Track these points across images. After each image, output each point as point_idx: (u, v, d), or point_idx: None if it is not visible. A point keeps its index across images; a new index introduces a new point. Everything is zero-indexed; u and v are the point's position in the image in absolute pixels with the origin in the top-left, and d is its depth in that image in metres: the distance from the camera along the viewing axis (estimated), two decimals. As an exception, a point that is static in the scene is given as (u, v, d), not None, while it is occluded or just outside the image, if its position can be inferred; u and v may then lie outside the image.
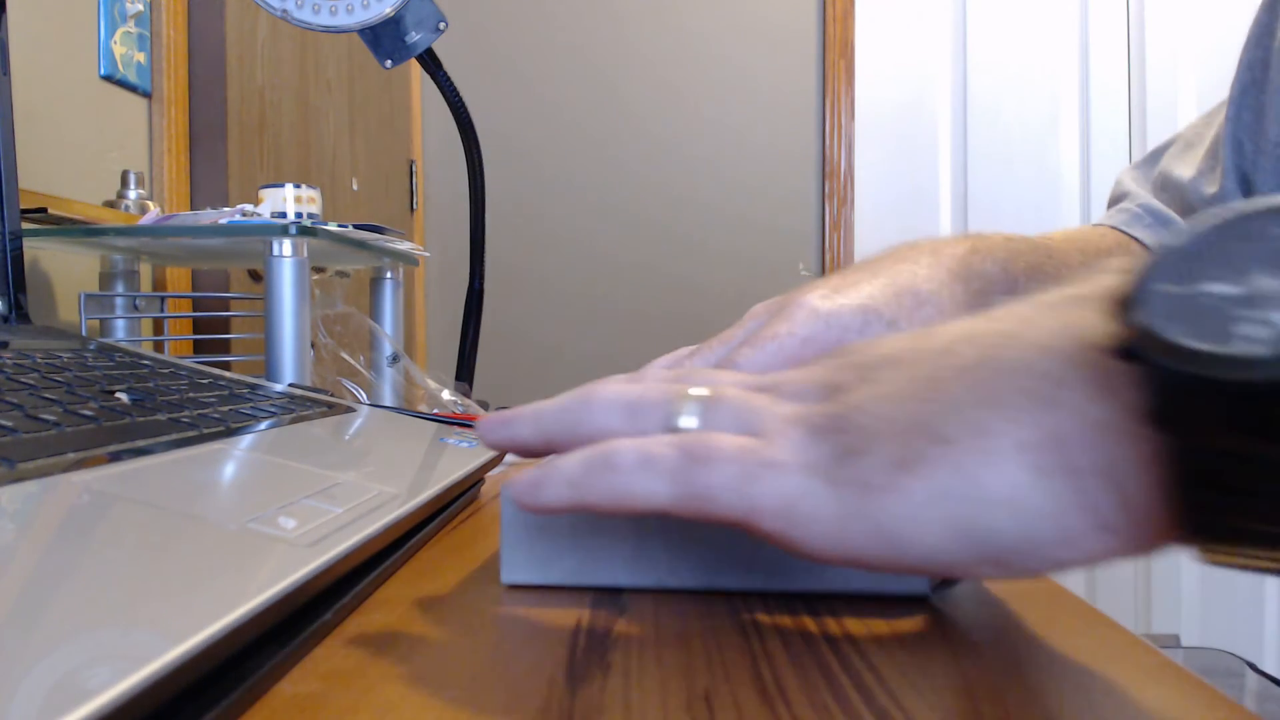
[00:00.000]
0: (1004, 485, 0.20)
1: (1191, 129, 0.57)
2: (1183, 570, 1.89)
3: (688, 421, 0.25)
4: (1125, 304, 0.18)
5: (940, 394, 0.21)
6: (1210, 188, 0.52)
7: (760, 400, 0.25)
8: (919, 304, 0.37)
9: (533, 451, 0.28)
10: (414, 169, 2.04)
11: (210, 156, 1.19)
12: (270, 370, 0.70)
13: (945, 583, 0.28)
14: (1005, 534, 0.20)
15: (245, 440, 0.36)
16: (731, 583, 0.29)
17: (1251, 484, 0.17)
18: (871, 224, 2.03)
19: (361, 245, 0.80)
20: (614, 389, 0.26)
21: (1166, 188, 0.55)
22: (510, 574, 0.30)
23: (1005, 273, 0.41)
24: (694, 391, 0.25)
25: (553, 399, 0.27)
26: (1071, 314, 0.21)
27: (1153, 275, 0.18)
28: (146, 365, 0.48)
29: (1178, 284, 0.18)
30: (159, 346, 0.88)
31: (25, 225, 0.68)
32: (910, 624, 0.26)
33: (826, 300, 0.37)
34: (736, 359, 0.37)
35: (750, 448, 0.23)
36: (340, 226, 0.78)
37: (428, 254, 1.25)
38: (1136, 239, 0.53)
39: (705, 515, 0.23)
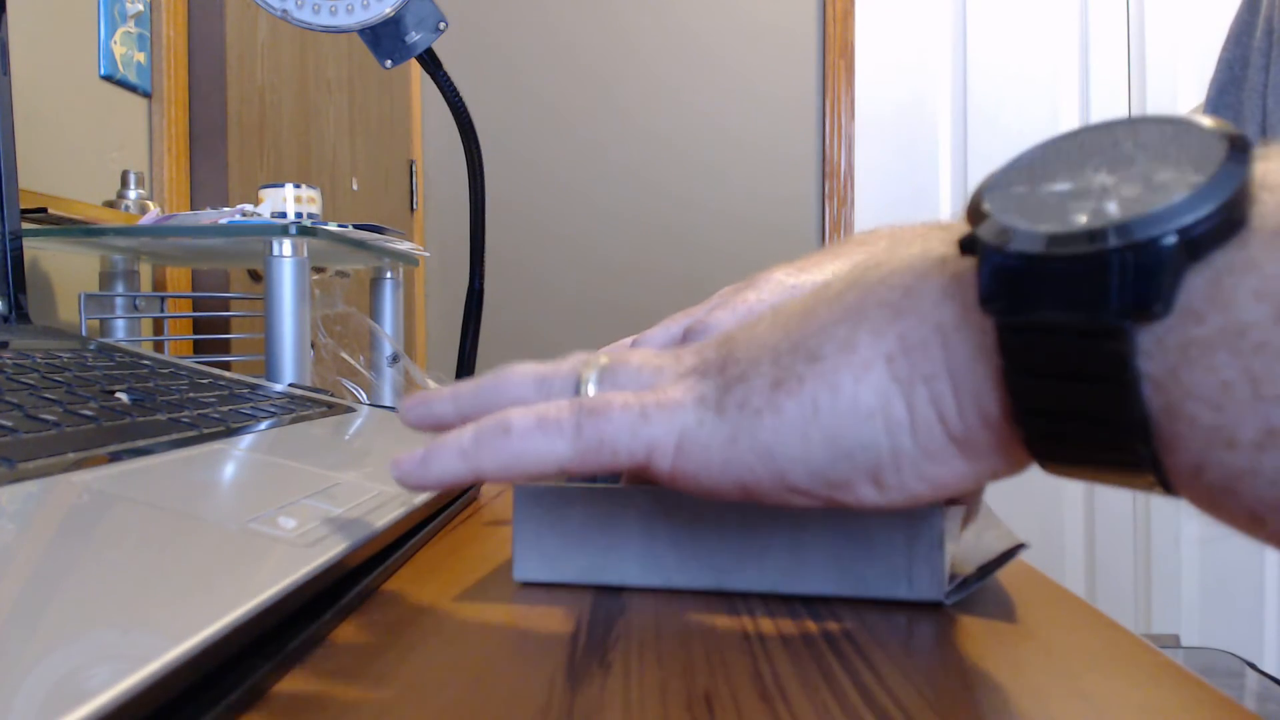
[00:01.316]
0: (868, 397, 0.20)
1: None
2: (1183, 570, 1.89)
3: (590, 388, 0.26)
4: (973, 206, 0.19)
5: (814, 320, 0.22)
6: None
7: (662, 360, 0.26)
8: None
9: (450, 428, 0.28)
10: (414, 169, 2.04)
11: (210, 156, 1.19)
12: (270, 370, 0.70)
13: (959, 588, 0.28)
14: (874, 447, 0.21)
15: (245, 440, 0.36)
16: (740, 583, 0.29)
17: (1075, 372, 0.17)
18: (871, 224, 2.02)
19: (361, 245, 0.80)
20: (528, 366, 0.28)
21: None
22: (522, 572, 0.30)
23: None
24: (598, 359, 0.27)
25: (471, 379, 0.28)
26: (933, 238, 0.22)
27: (1000, 179, 0.19)
28: (146, 365, 0.48)
29: (1021, 186, 0.19)
30: (159, 346, 0.88)
31: (25, 225, 0.68)
32: (910, 625, 0.26)
33: (791, 275, 0.38)
34: (709, 320, 0.37)
35: (644, 396, 0.24)
36: (340, 226, 0.78)
37: (428, 254, 1.24)
38: None
39: (607, 465, 0.23)
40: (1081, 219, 0.17)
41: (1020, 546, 0.28)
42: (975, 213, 0.19)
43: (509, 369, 0.28)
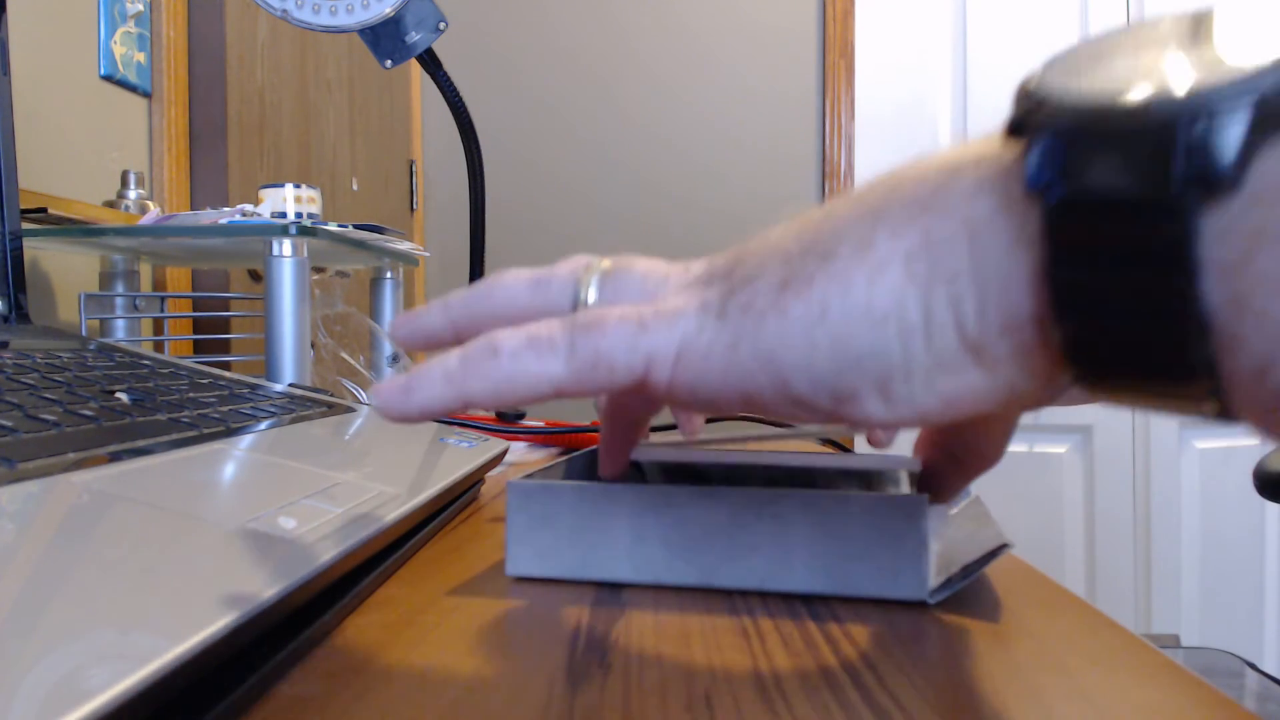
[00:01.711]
0: (882, 299, 0.19)
1: None
2: (1183, 570, 1.89)
3: (590, 292, 0.24)
4: (1021, 92, 0.18)
5: (830, 220, 0.21)
6: None
7: (670, 269, 0.24)
8: None
9: (442, 341, 0.27)
10: (414, 169, 2.04)
11: (210, 156, 1.19)
12: (270, 370, 0.70)
13: (943, 587, 0.28)
14: (885, 354, 0.19)
15: (245, 440, 0.36)
16: (727, 580, 0.29)
17: (1123, 273, 0.16)
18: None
19: (361, 245, 0.80)
20: (523, 270, 0.26)
21: None
22: (514, 567, 0.31)
23: None
24: (600, 263, 0.25)
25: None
26: (963, 148, 0.20)
27: (1050, 64, 0.18)
28: (146, 365, 0.48)
29: (1075, 65, 0.18)
30: (159, 346, 0.88)
31: (25, 225, 0.68)
32: (910, 624, 0.26)
33: None
34: None
35: (642, 307, 0.22)
36: (340, 226, 0.78)
37: (428, 254, 1.24)
38: None
39: (604, 383, 0.22)
40: (1146, 87, 0.16)
41: (1004, 546, 0.28)
42: (1023, 96, 0.18)
43: (502, 274, 0.26)
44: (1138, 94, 0.16)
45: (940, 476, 0.29)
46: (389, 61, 0.74)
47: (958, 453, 0.28)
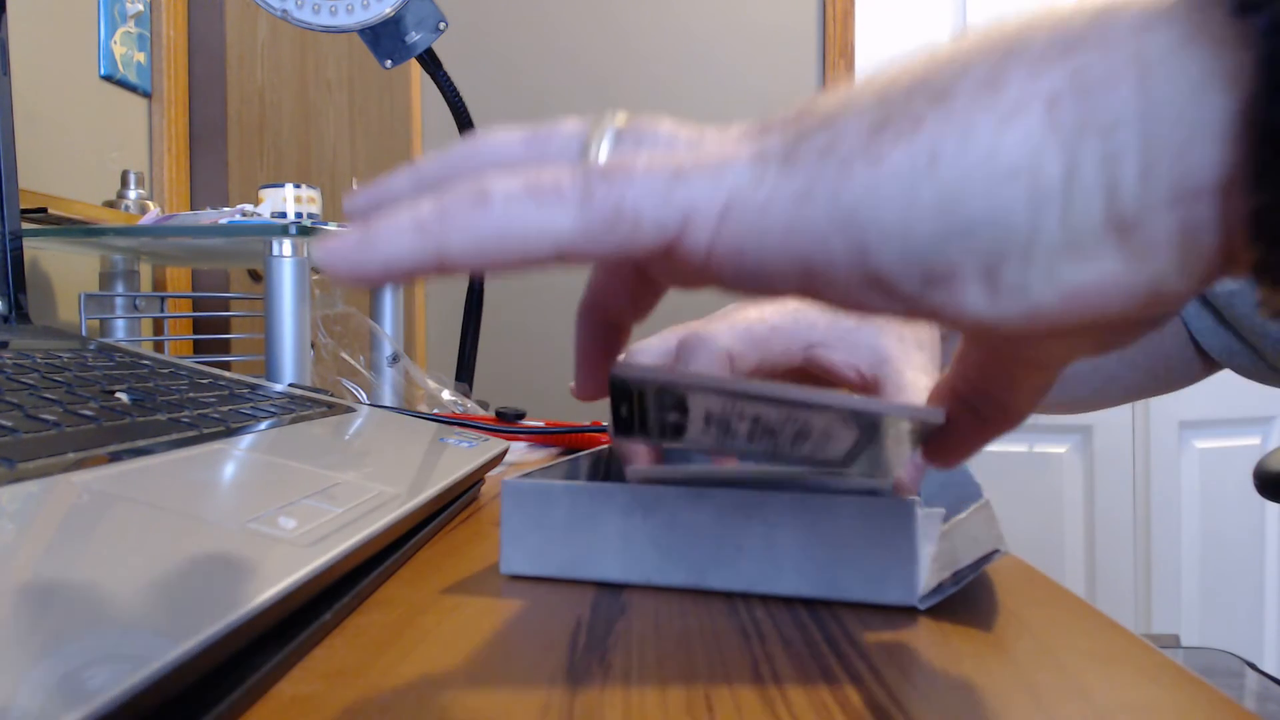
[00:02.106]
0: (1013, 149, 0.15)
1: None
2: (1183, 570, 1.89)
3: (602, 148, 0.20)
4: None
5: (941, 58, 0.16)
6: None
7: (705, 129, 0.20)
8: None
9: None
10: (414, 169, 2.04)
11: (210, 156, 1.19)
12: (270, 370, 0.70)
13: (933, 593, 0.28)
14: (1006, 223, 0.15)
15: (245, 440, 0.36)
16: (716, 582, 0.29)
17: None
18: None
19: (361, 245, 0.80)
20: (513, 128, 0.21)
21: None
22: (508, 565, 0.31)
23: None
24: (613, 116, 0.20)
25: None
26: None
27: None
28: (146, 365, 0.48)
29: None
30: (159, 346, 0.88)
31: (25, 225, 0.68)
32: (910, 624, 0.26)
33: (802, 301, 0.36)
34: (704, 332, 0.36)
35: (677, 155, 0.18)
36: (340, 226, 0.78)
37: (428, 254, 1.24)
38: None
39: (623, 244, 0.17)
40: None
41: (996, 551, 0.28)
42: None
43: (487, 131, 0.21)
44: None
45: (956, 434, 0.24)
46: (389, 61, 0.74)
47: (981, 406, 0.24)
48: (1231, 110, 0.14)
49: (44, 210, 0.80)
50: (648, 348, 0.39)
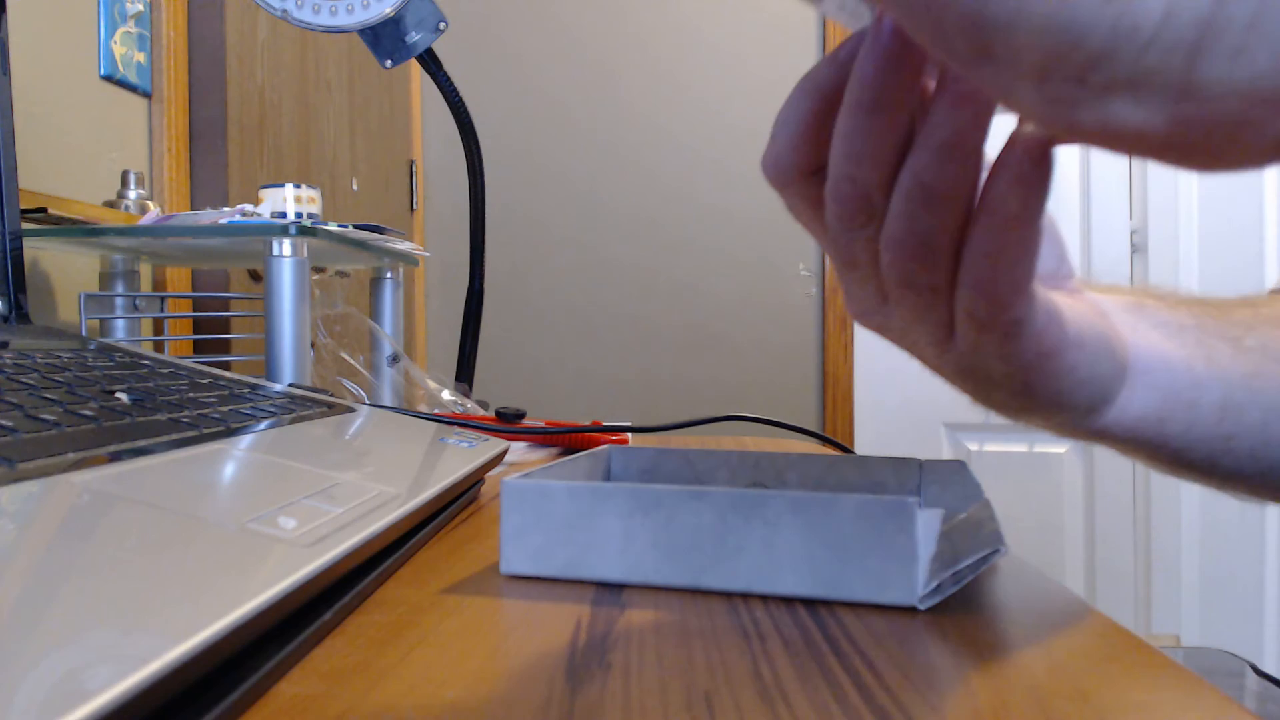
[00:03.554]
0: None
1: None
2: (1183, 570, 1.89)
3: None
4: None
5: None
6: None
7: None
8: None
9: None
10: (414, 169, 2.04)
11: (210, 156, 1.19)
12: (270, 370, 0.70)
13: (934, 592, 0.28)
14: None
15: (245, 440, 0.36)
16: (715, 583, 0.29)
17: None
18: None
19: (361, 245, 0.80)
20: None
21: None
22: (508, 565, 0.31)
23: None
24: None
25: None
26: None
27: None
28: (146, 365, 0.48)
29: None
30: (159, 346, 0.88)
31: (25, 225, 0.68)
32: (910, 625, 0.27)
33: None
34: None
35: None
36: (340, 226, 0.78)
37: (428, 254, 1.25)
38: None
39: None
40: None
41: (996, 551, 0.28)
42: None
43: None
44: None
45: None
46: (389, 61, 0.74)
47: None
48: None
49: (44, 210, 0.80)
50: None
